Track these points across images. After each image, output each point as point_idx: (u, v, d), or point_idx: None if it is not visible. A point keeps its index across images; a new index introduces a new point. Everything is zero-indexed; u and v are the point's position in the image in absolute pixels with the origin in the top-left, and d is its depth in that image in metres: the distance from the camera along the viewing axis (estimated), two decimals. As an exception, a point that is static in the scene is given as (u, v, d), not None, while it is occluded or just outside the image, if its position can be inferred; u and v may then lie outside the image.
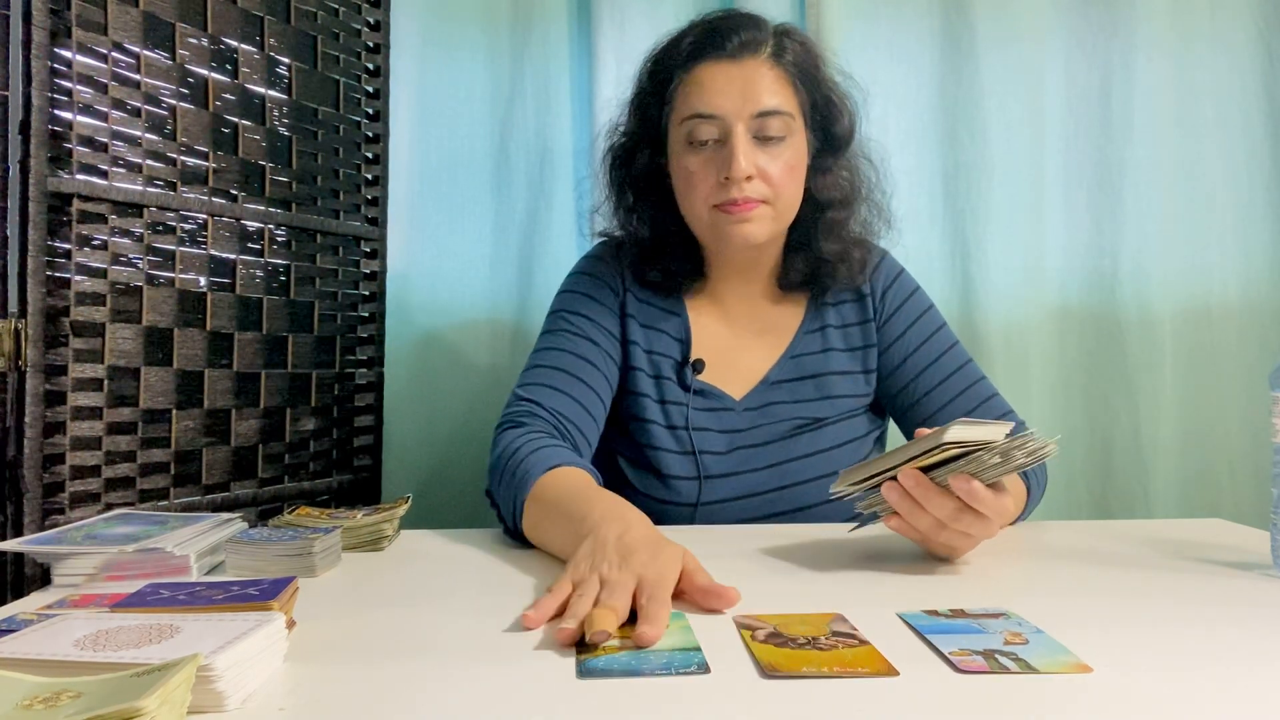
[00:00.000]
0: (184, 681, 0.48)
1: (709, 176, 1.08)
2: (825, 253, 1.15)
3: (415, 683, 0.57)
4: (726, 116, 1.06)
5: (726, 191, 1.06)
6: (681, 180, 1.11)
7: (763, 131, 1.06)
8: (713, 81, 1.07)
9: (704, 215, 1.10)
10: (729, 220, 1.08)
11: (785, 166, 1.08)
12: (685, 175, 1.10)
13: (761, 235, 1.10)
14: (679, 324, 1.18)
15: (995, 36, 1.63)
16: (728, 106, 1.06)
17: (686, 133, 1.08)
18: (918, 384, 1.16)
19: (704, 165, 1.08)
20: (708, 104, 1.07)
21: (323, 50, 1.50)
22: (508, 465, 1.01)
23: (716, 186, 1.07)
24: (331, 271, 1.52)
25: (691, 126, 1.08)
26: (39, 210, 1.13)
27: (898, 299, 1.19)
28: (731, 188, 1.06)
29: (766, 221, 1.09)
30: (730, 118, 1.06)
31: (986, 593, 0.77)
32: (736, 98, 1.06)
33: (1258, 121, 1.64)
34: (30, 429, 1.13)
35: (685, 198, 1.12)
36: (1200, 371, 1.64)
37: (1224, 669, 0.59)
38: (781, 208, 1.10)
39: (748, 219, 1.08)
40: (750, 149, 1.06)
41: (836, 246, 1.15)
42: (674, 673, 0.57)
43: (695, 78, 1.08)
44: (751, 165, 1.06)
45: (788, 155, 1.08)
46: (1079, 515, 1.65)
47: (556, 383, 1.10)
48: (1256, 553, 0.90)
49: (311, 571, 0.83)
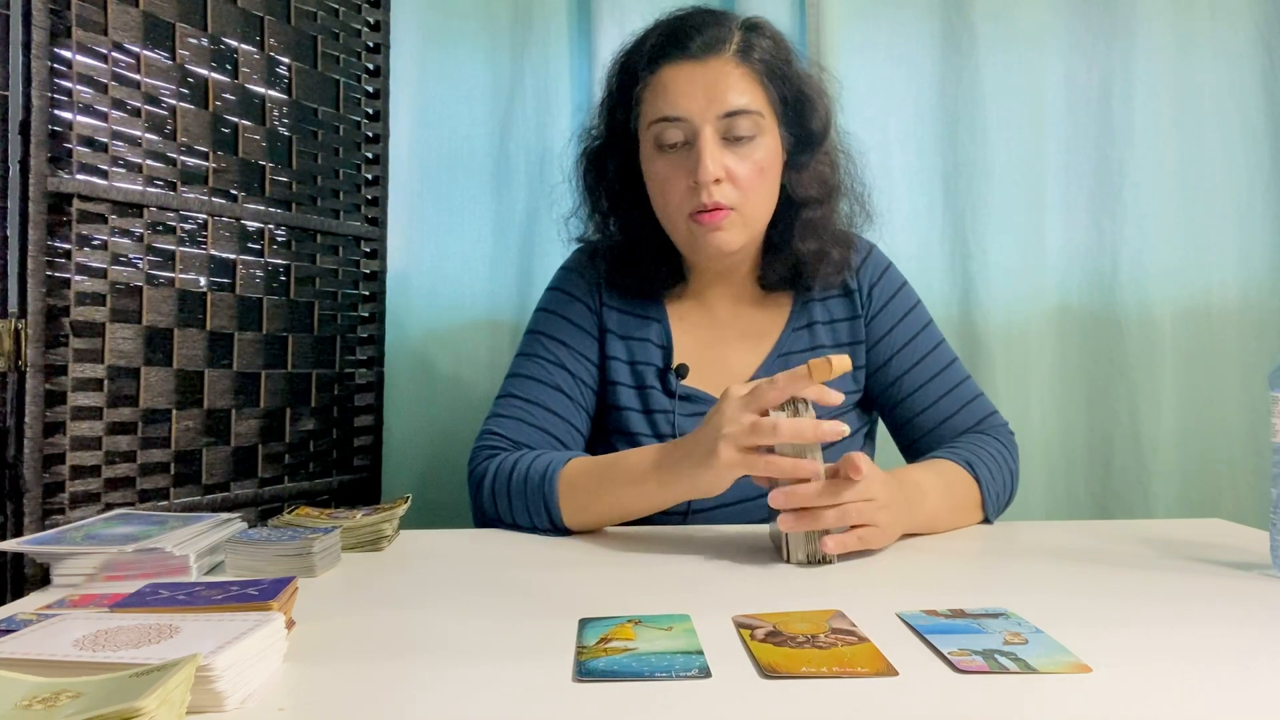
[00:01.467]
0: (183, 681, 0.48)
1: (680, 181, 1.06)
2: (803, 252, 1.13)
3: (415, 683, 0.57)
4: (692, 118, 1.04)
5: (697, 196, 1.05)
6: (654, 186, 1.09)
7: (731, 132, 1.04)
8: (675, 83, 1.05)
9: (680, 225, 1.08)
10: (702, 231, 1.07)
11: (755, 167, 1.06)
12: (658, 181, 1.08)
13: (734, 244, 1.08)
14: (660, 330, 1.17)
15: (995, 37, 1.63)
16: (693, 108, 1.04)
17: (654, 136, 1.06)
18: (903, 382, 1.15)
19: (674, 169, 1.06)
20: (673, 106, 1.04)
21: (323, 50, 1.50)
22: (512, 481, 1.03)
23: (688, 191, 1.05)
24: (331, 271, 1.52)
25: (659, 130, 1.06)
26: (39, 210, 1.13)
27: (885, 295, 1.18)
28: (701, 192, 1.04)
29: (737, 229, 1.08)
30: (696, 119, 1.04)
31: (986, 593, 0.77)
32: (701, 99, 1.04)
33: (1258, 121, 1.64)
34: (30, 429, 1.13)
35: (660, 205, 1.10)
36: (1200, 371, 1.64)
37: (1224, 669, 0.59)
38: (750, 212, 1.08)
39: (719, 228, 1.06)
40: (718, 150, 1.04)
41: (814, 245, 1.13)
42: (675, 676, 0.57)
43: (659, 80, 1.06)
44: (720, 168, 1.03)
45: (758, 155, 1.06)
46: (1079, 515, 1.65)
47: (530, 417, 1.11)
48: (1256, 553, 0.90)
49: (311, 571, 0.83)
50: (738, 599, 0.74)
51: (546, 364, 1.14)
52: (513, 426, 1.11)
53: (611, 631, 0.65)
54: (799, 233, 1.13)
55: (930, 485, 1.00)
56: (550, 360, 1.15)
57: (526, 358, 1.16)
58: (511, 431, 1.11)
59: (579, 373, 1.15)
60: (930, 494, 0.99)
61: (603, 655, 0.61)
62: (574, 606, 0.72)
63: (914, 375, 1.15)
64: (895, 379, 1.16)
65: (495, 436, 1.11)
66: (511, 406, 1.13)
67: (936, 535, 1.01)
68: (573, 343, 1.16)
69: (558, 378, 1.14)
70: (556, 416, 1.12)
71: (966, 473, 1.04)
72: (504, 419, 1.12)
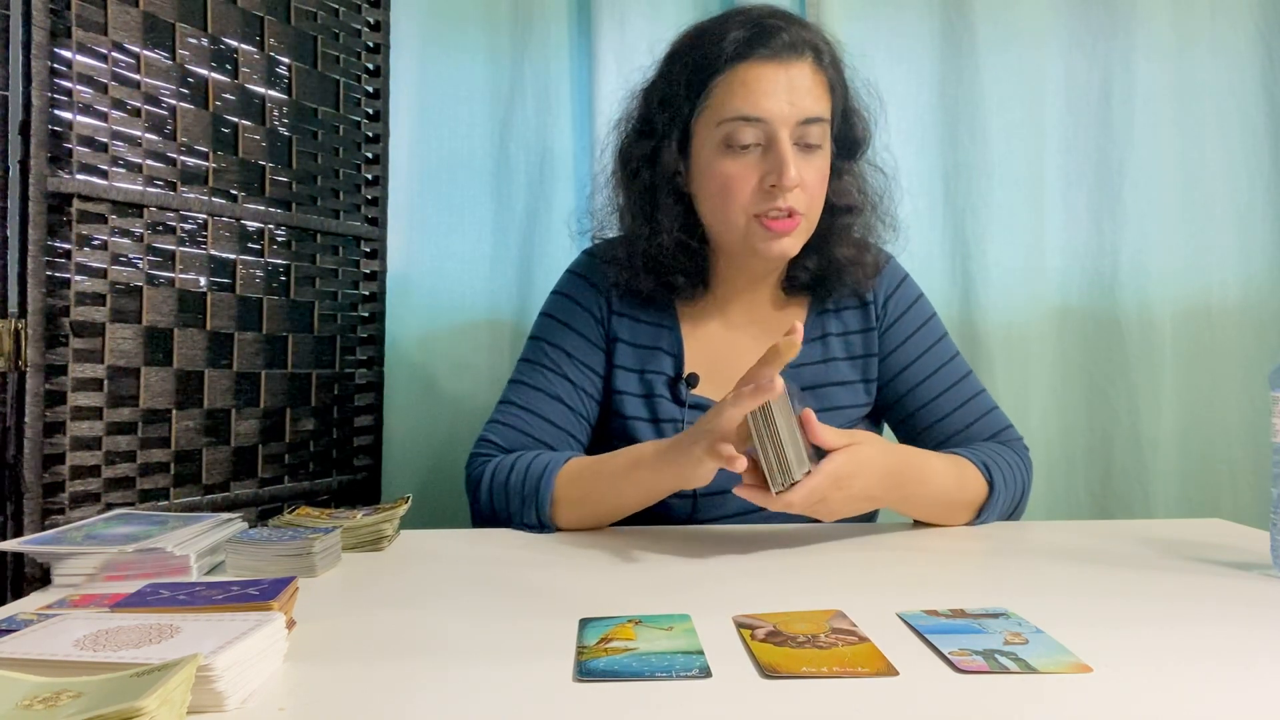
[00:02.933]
0: (184, 681, 0.48)
1: (748, 182, 1.02)
2: (839, 257, 1.12)
3: (415, 683, 0.57)
4: (772, 121, 1.00)
5: (772, 200, 1.01)
6: (715, 184, 1.04)
7: (804, 139, 1.02)
8: (759, 83, 1.01)
9: (740, 224, 1.04)
10: (768, 235, 1.03)
11: (820, 175, 1.05)
12: (720, 180, 1.03)
13: (796, 250, 1.07)
14: (671, 338, 1.15)
15: (995, 37, 1.63)
16: (774, 110, 1.00)
17: (724, 135, 1.02)
18: (915, 395, 1.14)
19: (743, 170, 1.02)
20: (754, 106, 1.00)
21: (323, 50, 1.50)
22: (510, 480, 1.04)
23: (758, 194, 1.02)
24: (331, 271, 1.52)
25: (732, 129, 1.02)
26: (39, 210, 1.13)
27: (900, 307, 1.17)
28: (778, 196, 1.01)
29: (801, 236, 1.06)
30: (776, 122, 1.01)
31: (986, 593, 0.77)
32: (784, 102, 1.01)
33: (1258, 121, 1.64)
34: (30, 429, 1.13)
35: (719, 204, 1.05)
36: (1200, 371, 1.64)
37: (1224, 669, 0.59)
38: (813, 218, 1.07)
39: (788, 234, 1.04)
40: (796, 156, 1.02)
41: (850, 251, 1.12)
42: (675, 675, 0.57)
43: (739, 77, 1.02)
44: (799, 174, 1.01)
45: (821, 164, 1.05)
46: (1079, 515, 1.65)
47: (528, 426, 1.11)
48: (1256, 553, 0.90)
49: (311, 571, 0.83)
50: (738, 599, 0.74)
51: (548, 372, 1.13)
52: (510, 435, 1.10)
53: (612, 631, 0.65)
54: (835, 238, 1.12)
55: (936, 474, 1.01)
56: (552, 369, 1.13)
57: (529, 364, 1.15)
58: (508, 440, 1.10)
59: (581, 382, 1.13)
60: (931, 482, 1.00)
61: (603, 655, 0.61)
62: (574, 606, 0.72)
63: (928, 387, 1.14)
64: (909, 390, 1.15)
65: (491, 444, 1.11)
66: (510, 414, 1.12)
67: (937, 535, 1.01)
68: (576, 352, 1.14)
69: (559, 387, 1.12)
70: (555, 427, 1.11)
71: (982, 478, 1.04)
72: (502, 426, 1.12)
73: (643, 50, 1.17)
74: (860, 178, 1.15)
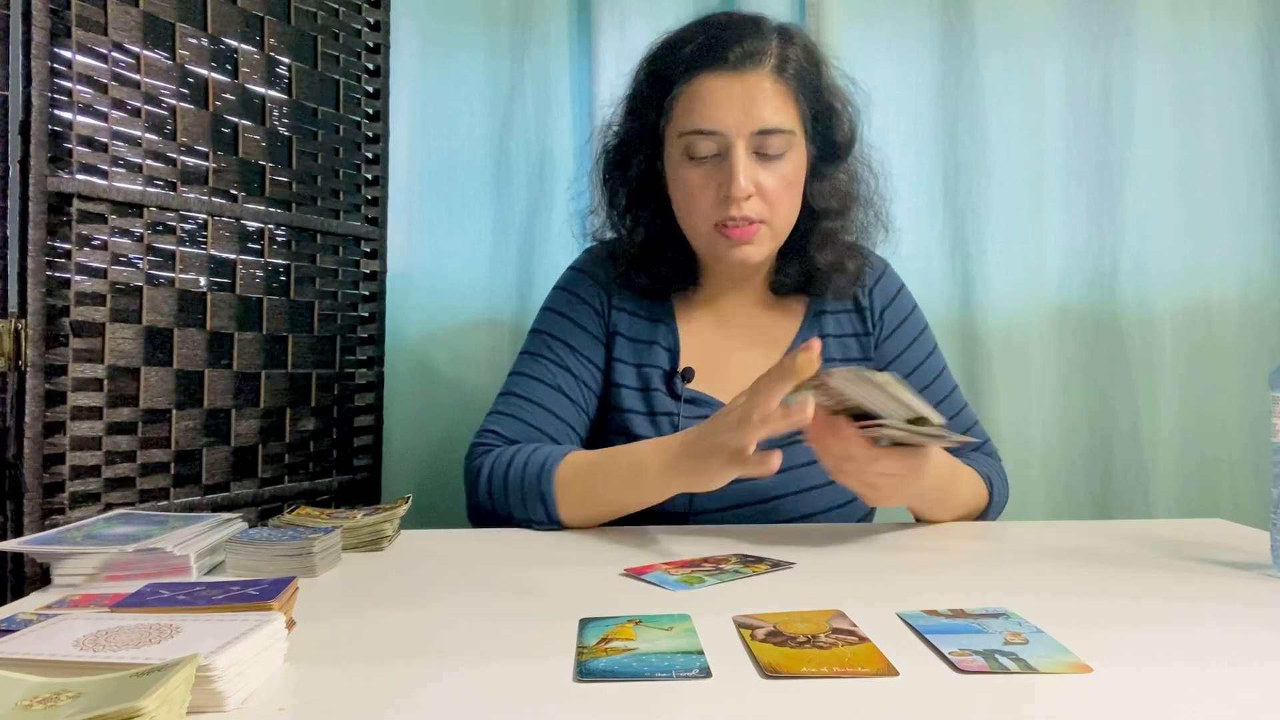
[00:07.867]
0: (184, 681, 0.48)
1: (708, 191, 1.05)
2: (819, 262, 1.13)
3: (415, 683, 0.57)
4: (727, 133, 1.03)
5: (726, 208, 1.04)
6: (680, 193, 1.09)
7: (763, 149, 1.04)
8: (713, 95, 1.03)
9: (704, 231, 1.08)
10: (729, 243, 1.06)
11: (783, 182, 1.06)
12: (684, 189, 1.07)
13: (759, 256, 1.09)
14: (667, 332, 1.16)
15: (995, 37, 1.63)
16: (728, 122, 1.03)
17: (685, 146, 1.05)
18: None
19: (703, 180, 1.05)
20: (708, 119, 1.03)
21: (323, 50, 1.50)
22: (509, 474, 1.04)
23: (716, 202, 1.05)
24: (331, 271, 1.52)
25: (690, 141, 1.05)
26: (39, 210, 1.13)
27: (896, 318, 1.19)
28: (730, 205, 1.04)
29: (765, 242, 1.08)
30: (730, 134, 1.03)
31: (986, 593, 0.77)
32: (738, 114, 1.02)
33: (1258, 122, 1.64)
34: (30, 429, 1.13)
35: (684, 212, 1.09)
36: (1200, 371, 1.64)
37: (1224, 669, 0.59)
38: (778, 225, 1.08)
39: (748, 242, 1.06)
40: (750, 166, 1.03)
41: (830, 256, 1.14)
42: (675, 676, 0.57)
43: (695, 90, 1.04)
44: (751, 183, 1.03)
45: (785, 170, 1.06)
46: (1079, 515, 1.65)
47: (529, 417, 1.11)
48: (1256, 553, 0.90)
49: (311, 571, 0.83)
50: (738, 599, 0.74)
51: (549, 364, 1.14)
52: (511, 425, 1.11)
53: (612, 631, 0.65)
54: (816, 243, 1.13)
55: (963, 480, 1.07)
56: (553, 361, 1.14)
57: (530, 356, 1.16)
58: (509, 430, 1.11)
59: (581, 375, 1.15)
60: (960, 487, 1.06)
61: (603, 655, 0.61)
62: (574, 606, 0.72)
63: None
64: None
65: (492, 434, 1.11)
66: (511, 405, 1.13)
67: (937, 535, 1.01)
68: (577, 345, 1.15)
69: (560, 379, 1.14)
70: (555, 417, 1.12)
71: (984, 488, 1.11)
72: (503, 417, 1.12)
73: (642, 50, 1.18)
74: (846, 179, 1.14)
